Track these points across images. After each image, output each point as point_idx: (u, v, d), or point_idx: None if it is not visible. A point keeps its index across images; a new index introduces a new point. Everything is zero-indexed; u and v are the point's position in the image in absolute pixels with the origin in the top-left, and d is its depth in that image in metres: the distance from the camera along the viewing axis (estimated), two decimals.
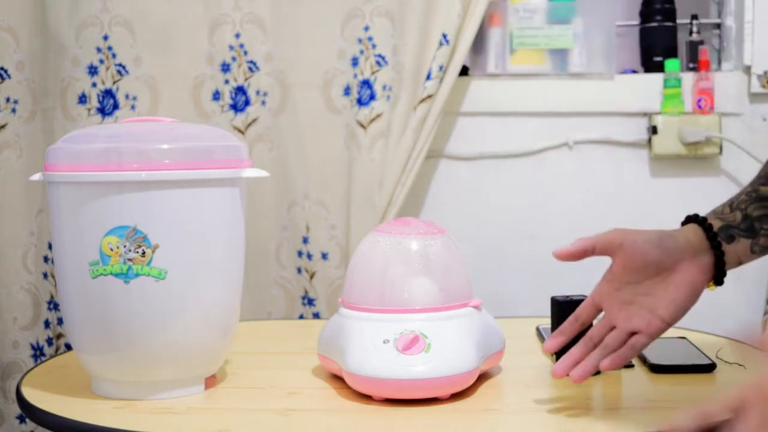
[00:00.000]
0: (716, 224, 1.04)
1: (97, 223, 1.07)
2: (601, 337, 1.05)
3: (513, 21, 1.92)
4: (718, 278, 1.04)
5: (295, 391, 1.15)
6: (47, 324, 1.93)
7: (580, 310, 1.07)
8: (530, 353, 1.31)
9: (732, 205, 1.06)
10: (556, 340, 1.07)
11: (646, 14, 1.99)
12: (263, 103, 1.87)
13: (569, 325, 1.08)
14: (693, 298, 1.03)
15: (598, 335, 1.05)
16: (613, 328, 1.05)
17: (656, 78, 1.93)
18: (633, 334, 1.03)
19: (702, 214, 1.07)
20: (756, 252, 1.04)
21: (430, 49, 1.82)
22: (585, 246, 1.04)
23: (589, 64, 1.93)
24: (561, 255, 1.04)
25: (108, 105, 1.87)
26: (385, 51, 1.83)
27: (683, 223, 1.07)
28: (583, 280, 1.92)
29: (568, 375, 1.04)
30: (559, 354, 1.22)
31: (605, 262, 2.01)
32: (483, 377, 1.17)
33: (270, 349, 1.40)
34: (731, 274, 1.95)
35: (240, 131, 1.88)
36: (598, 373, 1.18)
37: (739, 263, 1.05)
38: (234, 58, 1.86)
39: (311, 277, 1.89)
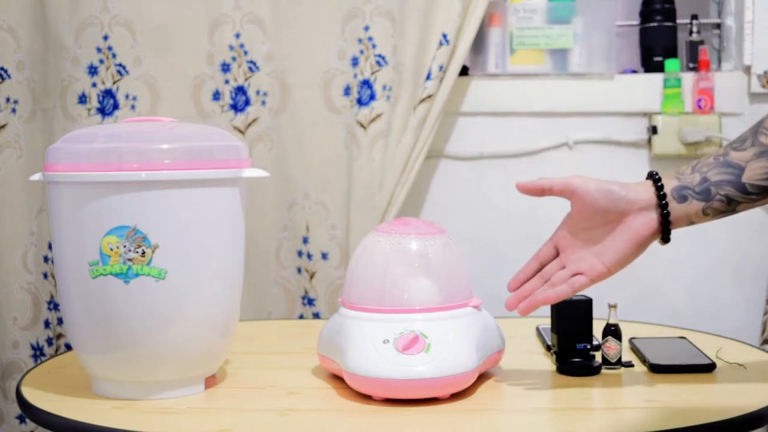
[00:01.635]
0: (671, 184, 1.06)
1: (97, 223, 1.07)
2: (552, 274, 1.11)
3: (513, 21, 1.92)
4: (664, 236, 1.07)
5: (295, 391, 1.15)
6: (47, 324, 1.93)
7: (540, 250, 1.13)
8: (530, 353, 1.31)
9: (695, 166, 1.08)
10: (517, 279, 1.13)
11: (646, 14, 1.99)
12: (263, 103, 1.87)
13: (529, 264, 1.13)
14: (636, 250, 1.07)
15: (548, 273, 1.11)
16: (563, 268, 1.10)
17: (656, 78, 1.93)
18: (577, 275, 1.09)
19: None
20: (709, 215, 1.06)
21: (430, 49, 1.82)
22: (543, 184, 1.11)
23: (589, 64, 1.93)
24: (521, 187, 1.11)
25: (108, 105, 1.88)
26: (385, 51, 1.83)
27: (647, 178, 1.10)
28: None
29: (516, 308, 1.11)
30: (559, 357, 1.22)
31: None
32: (483, 377, 1.17)
33: (270, 349, 1.40)
34: (731, 274, 1.95)
35: (240, 131, 1.88)
36: (593, 373, 1.18)
37: (691, 223, 1.07)
38: (234, 58, 1.87)
39: (311, 277, 1.89)
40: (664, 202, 1.06)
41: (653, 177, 1.08)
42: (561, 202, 1.95)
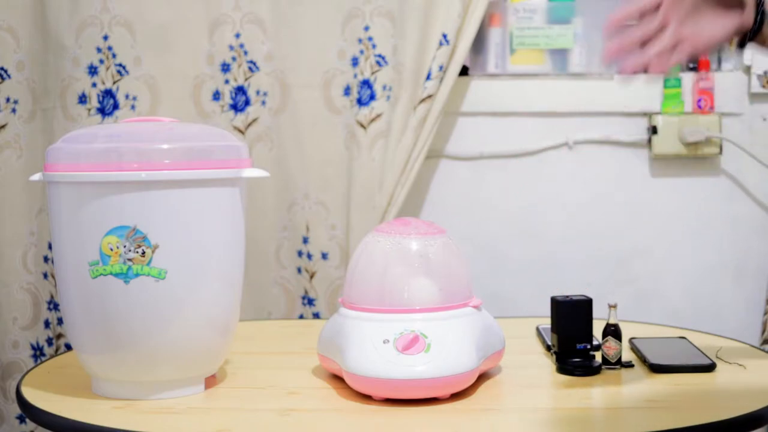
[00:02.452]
0: None
1: (97, 223, 1.07)
2: (654, 32, 1.09)
3: (513, 21, 1.92)
4: (743, 40, 1.09)
5: (295, 391, 1.15)
6: (47, 324, 1.93)
7: (645, 3, 1.10)
8: (530, 353, 1.31)
9: None
10: (615, 21, 1.11)
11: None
12: (263, 103, 1.87)
13: (630, 12, 1.11)
14: (728, 39, 1.08)
15: (650, 30, 1.09)
16: (664, 28, 1.08)
17: (656, 78, 1.92)
18: (677, 44, 1.08)
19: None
20: None
21: (430, 49, 1.82)
22: None
23: (589, 64, 1.93)
24: None
25: (108, 105, 1.88)
26: (385, 51, 1.83)
27: None
28: (583, 279, 1.93)
29: (614, 60, 1.10)
30: (559, 357, 1.22)
31: (606, 263, 2.00)
32: (483, 377, 1.17)
33: (270, 349, 1.40)
34: (731, 274, 1.95)
35: (240, 131, 1.88)
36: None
37: (764, 44, 1.09)
38: (234, 58, 1.86)
39: (311, 277, 1.89)
40: (761, 18, 1.06)
41: None
42: (561, 203, 1.95)
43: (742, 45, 1.09)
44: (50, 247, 1.86)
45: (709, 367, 1.19)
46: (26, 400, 1.12)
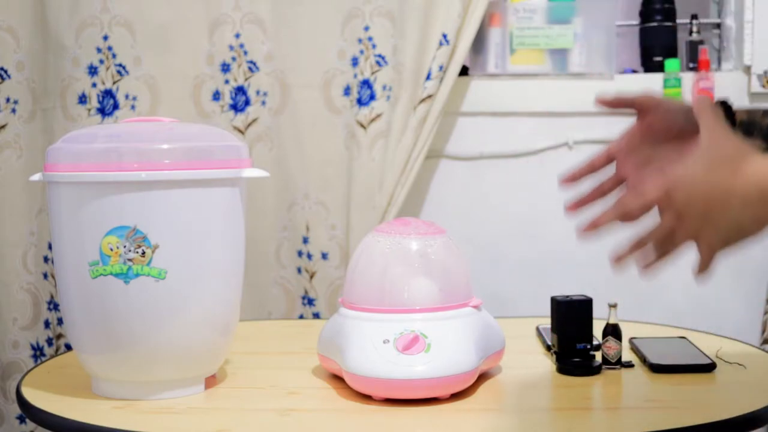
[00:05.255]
0: (741, 116, 1.04)
1: (97, 223, 1.07)
2: (611, 188, 1.08)
3: (513, 21, 1.92)
4: None
5: (295, 391, 1.15)
6: (47, 324, 1.93)
7: (594, 158, 1.07)
8: (530, 353, 1.31)
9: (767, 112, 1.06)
10: (572, 176, 1.09)
11: (646, 14, 1.99)
12: (263, 103, 1.87)
13: (582, 168, 1.08)
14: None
15: (608, 186, 1.09)
16: (622, 181, 1.07)
17: (656, 78, 1.93)
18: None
19: None
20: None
21: (430, 49, 1.82)
22: (626, 99, 1.07)
23: (589, 64, 1.93)
24: (602, 100, 1.06)
25: (108, 105, 1.88)
26: (385, 51, 1.83)
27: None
28: (583, 279, 1.93)
29: (574, 211, 1.09)
30: (559, 357, 1.22)
31: (606, 263, 2.00)
32: (483, 377, 1.17)
33: (270, 349, 1.40)
34: (731, 274, 1.95)
35: (240, 131, 1.88)
36: (595, 371, 1.18)
37: None
38: (234, 58, 1.87)
39: (311, 277, 1.89)
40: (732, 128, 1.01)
41: (724, 105, 1.04)
42: (561, 203, 1.95)
43: None
44: (50, 247, 1.86)
45: (709, 367, 1.19)
46: (26, 400, 1.12)
